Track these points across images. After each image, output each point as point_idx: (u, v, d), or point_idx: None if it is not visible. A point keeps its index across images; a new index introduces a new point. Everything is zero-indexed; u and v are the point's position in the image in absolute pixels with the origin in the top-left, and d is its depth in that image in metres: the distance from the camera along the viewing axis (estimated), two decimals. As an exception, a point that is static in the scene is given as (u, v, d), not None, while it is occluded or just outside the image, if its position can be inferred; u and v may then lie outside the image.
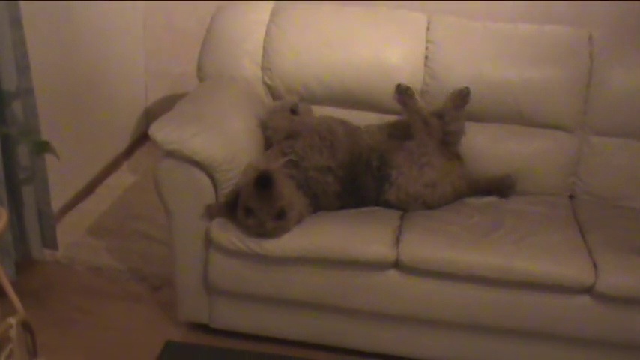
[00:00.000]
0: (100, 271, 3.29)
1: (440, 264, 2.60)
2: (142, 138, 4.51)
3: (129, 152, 4.42)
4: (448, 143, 3.03)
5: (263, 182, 2.53)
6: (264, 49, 3.22)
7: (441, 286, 2.64)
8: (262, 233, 2.60)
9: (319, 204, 2.79)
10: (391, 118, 3.16)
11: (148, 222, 3.65)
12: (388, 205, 2.89)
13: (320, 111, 3.18)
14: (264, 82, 3.25)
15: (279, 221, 2.59)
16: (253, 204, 2.57)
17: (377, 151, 2.92)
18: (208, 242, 2.71)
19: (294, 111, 3.06)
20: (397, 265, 2.64)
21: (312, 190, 2.76)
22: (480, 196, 3.04)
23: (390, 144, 2.96)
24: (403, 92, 3.03)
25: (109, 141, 4.18)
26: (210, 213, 2.68)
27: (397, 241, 2.66)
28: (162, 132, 2.63)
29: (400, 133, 3.02)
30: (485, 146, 3.15)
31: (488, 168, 3.12)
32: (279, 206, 2.57)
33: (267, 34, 3.23)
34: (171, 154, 2.64)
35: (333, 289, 2.69)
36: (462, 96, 3.05)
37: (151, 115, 4.56)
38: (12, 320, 2.36)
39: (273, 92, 3.26)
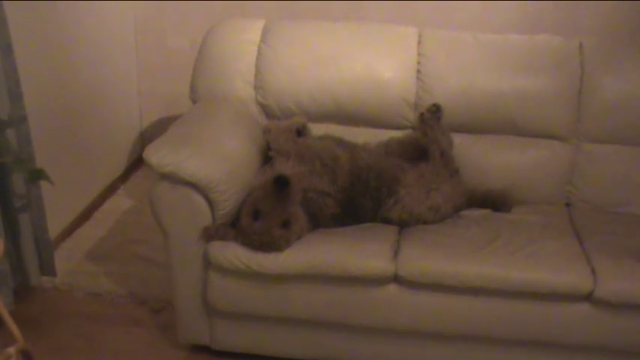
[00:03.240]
0: (100, 297, 3.28)
1: (439, 277, 2.60)
2: (137, 161, 4.52)
3: (125, 176, 4.42)
4: (447, 161, 3.04)
5: (281, 183, 2.54)
6: (257, 68, 3.24)
7: (441, 299, 2.64)
8: (266, 241, 2.61)
9: (317, 223, 2.80)
10: (385, 132, 3.20)
11: (146, 245, 3.66)
12: (387, 221, 2.90)
13: (314, 128, 3.19)
14: (258, 102, 3.27)
15: (284, 230, 2.61)
16: (265, 206, 2.58)
17: (375, 170, 2.92)
18: (207, 263, 2.71)
19: (300, 133, 3.09)
20: (396, 279, 2.65)
21: (310, 209, 2.77)
22: (477, 207, 3.06)
23: (389, 162, 2.97)
24: (432, 113, 3.06)
25: (104, 165, 4.19)
26: (208, 235, 2.68)
27: (395, 255, 2.67)
28: (156, 155, 2.63)
29: (413, 152, 3.05)
30: (480, 157, 3.17)
31: (484, 179, 3.15)
32: (289, 212, 2.60)
33: (259, 53, 3.25)
34: (166, 177, 2.64)
35: (333, 306, 2.69)
36: (433, 111, 3.08)
37: (146, 138, 4.60)
38: (11, 350, 2.36)
39: (266, 111, 3.27)
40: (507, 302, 2.62)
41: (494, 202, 3.07)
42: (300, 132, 3.10)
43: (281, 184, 2.55)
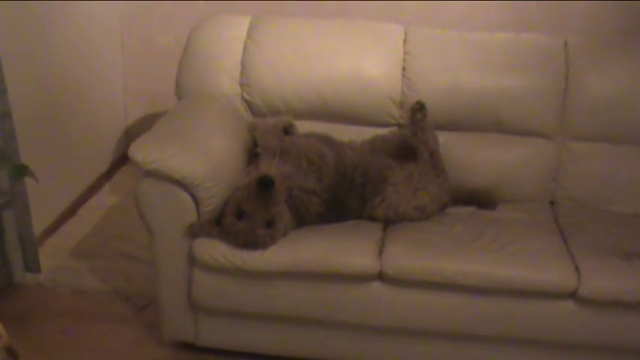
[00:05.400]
0: (84, 294, 3.28)
1: (424, 274, 2.61)
2: (122, 158, 4.51)
3: (110, 173, 4.42)
4: (435, 161, 3.04)
5: (265, 184, 2.55)
6: (242, 65, 3.25)
7: (426, 297, 2.66)
8: (251, 241, 2.61)
9: (302, 220, 2.80)
10: (370, 130, 3.21)
11: (131, 242, 3.65)
12: (372, 219, 2.91)
13: (300, 125, 3.19)
14: (243, 98, 3.27)
15: (268, 230, 2.61)
16: (249, 206, 2.59)
17: (361, 167, 2.93)
18: (192, 260, 2.71)
19: (287, 131, 3.09)
20: (381, 276, 2.65)
21: (295, 207, 2.77)
22: (462, 205, 3.07)
23: (375, 160, 2.98)
24: (418, 111, 3.06)
25: (89, 162, 4.18)
26: (193, 232, 2.68)
27: (380, 252, 2.68)
28: (141, 152, 2.63)
29: (399, 150, 3.06)
30: (465, 155, 3.18)
31: (469, 177, 3.16)
32: (273, 212, 2.60)
33: (244, 50, 3.26)
34: (151, 174, 2.64)
35: (317, 303, 2.70)
36: (415, 110, 3.07)
37: (131, 134, 4.58)
38: (-5, 346, 2.35)
39: (252, 108, 3.28)
40: (492, 300, 2.63)
41: (480, 199, 3.08)
42: (287, 130, 3.10)
43: (265, 185, 2.56)
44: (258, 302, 2.73)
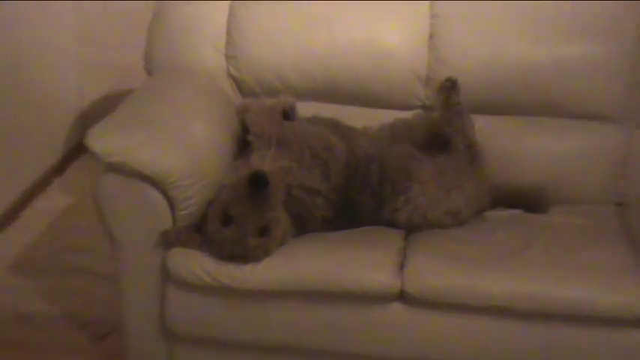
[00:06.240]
0: (30, 319, 3.30)
1: (455, 294, 2.61)
2: (77, 148, 4.52)
3: (61, 166, 4.45)
4: (473, 155, 3.07)
5: (258, 182, 2.55)
6: (229, 32, 3.26)
7: (458, 322, 2.66)
8: (240, 252, 2.62)
9: (304, 226, 2.83)
10: (390, 114, 3.23)
11: (88, 254, 3.67)
12: (392, 225, 2.91)
13: (301, 108, 3.19)
14: (230, 75, 3.29)
15: (262, 238, 2.62)
16: (237, 209, 2.59)
17: (378, 160, 2.95)
18: (165, 276, 2.73)
19: (286, 115, 3.10)
20: (402, 296, 2.65)
21: (296, 210, 2.80)
22: (504, 208, 3.09)
23: (396, 151, 2.99)
24: (450, 90, 3.04)
25: (35, 153, 4.19)
26: (167, 240, 2.70)
27: (402, 267, 2.68)
28: (102, 140, 2.63)
29: (430, 141, 3.07)
30: (509, 145, 3.19)
31: (513, 172, 3.16)
32: (268, 217, 2.61)
33: (231, 13, 3.27)
34: (114, 168, 2.64)
35: (323, 330, 2.71)
36: (447, 90, 3.05)
37: (87, 118, 4.59)
38: None
39: (241, 87, 3.30)
40: (541, 327, 2.62)
41: (527, 200, 3.10)
42: (287, 114, 3.11)
43: (258, 183, 2.55)
44: (248, 329, 2.74)
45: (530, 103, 3.22)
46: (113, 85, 4.56)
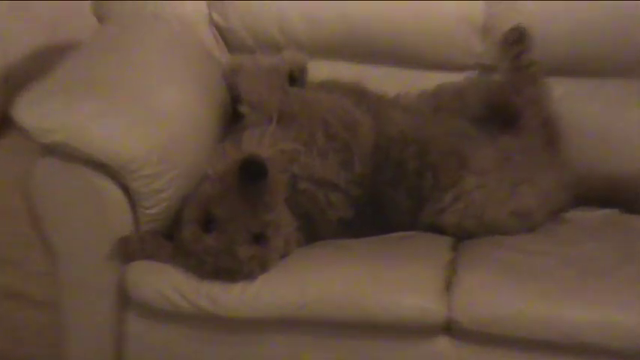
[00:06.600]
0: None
1: (522, 326, 2.49)
2: (-1, 123, 4.46)
3: (-28, 149, 4.37)
4: (551, 135, 3.05)
5: (252, 172, 2.47)
6: (211, -38, 3.17)
7: None
8: (227, 267, 2.54)
9: (315, 231, 2.78)
10: (432, 77, 3.20)
11: (15, 269, 3.55)
12: (436, 230, 2.86)
13: (312, 69, 3.17)
14: (214, 23, 3.27)
15: (256, 248, 2.54)
16: (224, 209, 2.52)
17: (417, 141, 2.88)
18: (124, 299, 2.67)
19: (294, 79, 3.05)
20: (449, 328, 2.55)
21: (304, 209, 2.75)
22: (593, 206, 3.02)
23: (442, 128, 2.94)
24: (517, 43, 3.06)
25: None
26: (127, 251, 2.63)
27: (449, 288, 2.58)
28: (35, 113, 2.52)
29: (489, 115, 3.03)
30: (601, 119, 3.15)
31: (606, 157, 3.12)
32: (265, 220, 2.54)
33: None
34: (53, 151, 2.56)
35: (339, 372, 2.58)
36: (514, 45, 3.07)
37: (11, 83, 4.45)
38: None
39: (228, 39, 3.28)
40: None
41: (625, 196, 3.04)
42: (295, 78, 3.06)
43: (252, 173, 2.47)
44: (236, 369, 2.61)
45: (627, 61, 3.18)
46: (47, 38, 4.49)
